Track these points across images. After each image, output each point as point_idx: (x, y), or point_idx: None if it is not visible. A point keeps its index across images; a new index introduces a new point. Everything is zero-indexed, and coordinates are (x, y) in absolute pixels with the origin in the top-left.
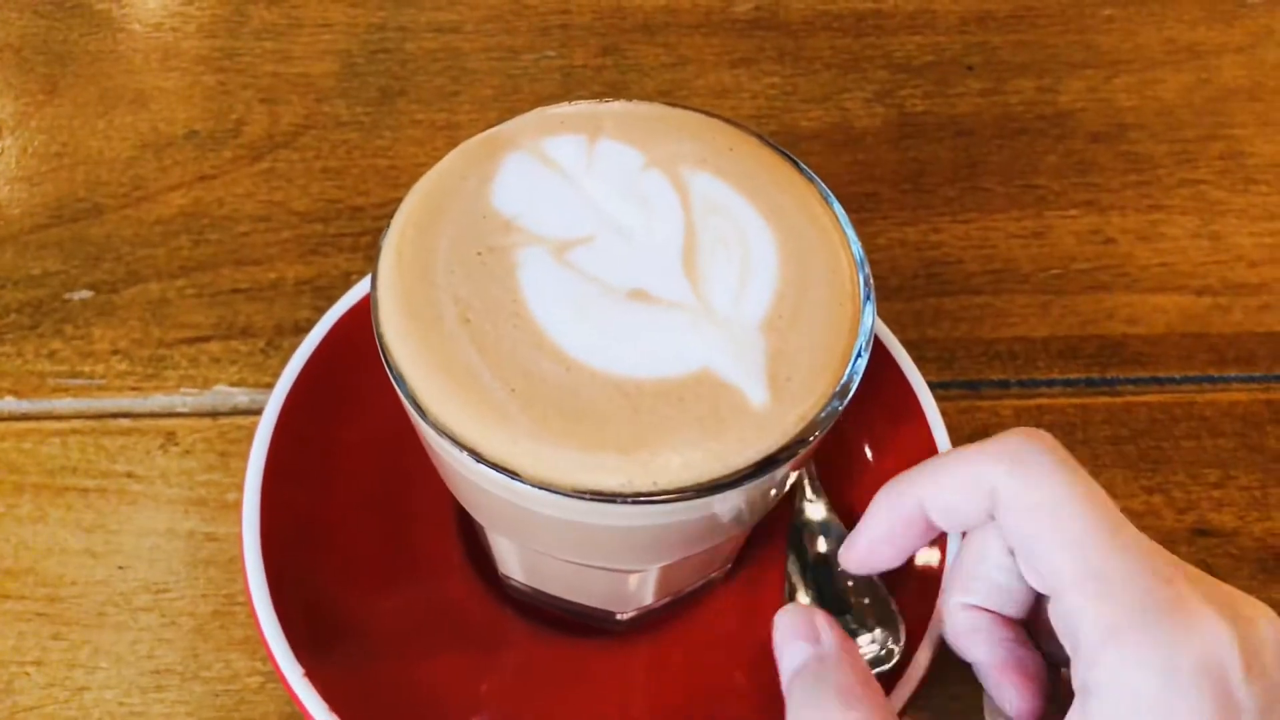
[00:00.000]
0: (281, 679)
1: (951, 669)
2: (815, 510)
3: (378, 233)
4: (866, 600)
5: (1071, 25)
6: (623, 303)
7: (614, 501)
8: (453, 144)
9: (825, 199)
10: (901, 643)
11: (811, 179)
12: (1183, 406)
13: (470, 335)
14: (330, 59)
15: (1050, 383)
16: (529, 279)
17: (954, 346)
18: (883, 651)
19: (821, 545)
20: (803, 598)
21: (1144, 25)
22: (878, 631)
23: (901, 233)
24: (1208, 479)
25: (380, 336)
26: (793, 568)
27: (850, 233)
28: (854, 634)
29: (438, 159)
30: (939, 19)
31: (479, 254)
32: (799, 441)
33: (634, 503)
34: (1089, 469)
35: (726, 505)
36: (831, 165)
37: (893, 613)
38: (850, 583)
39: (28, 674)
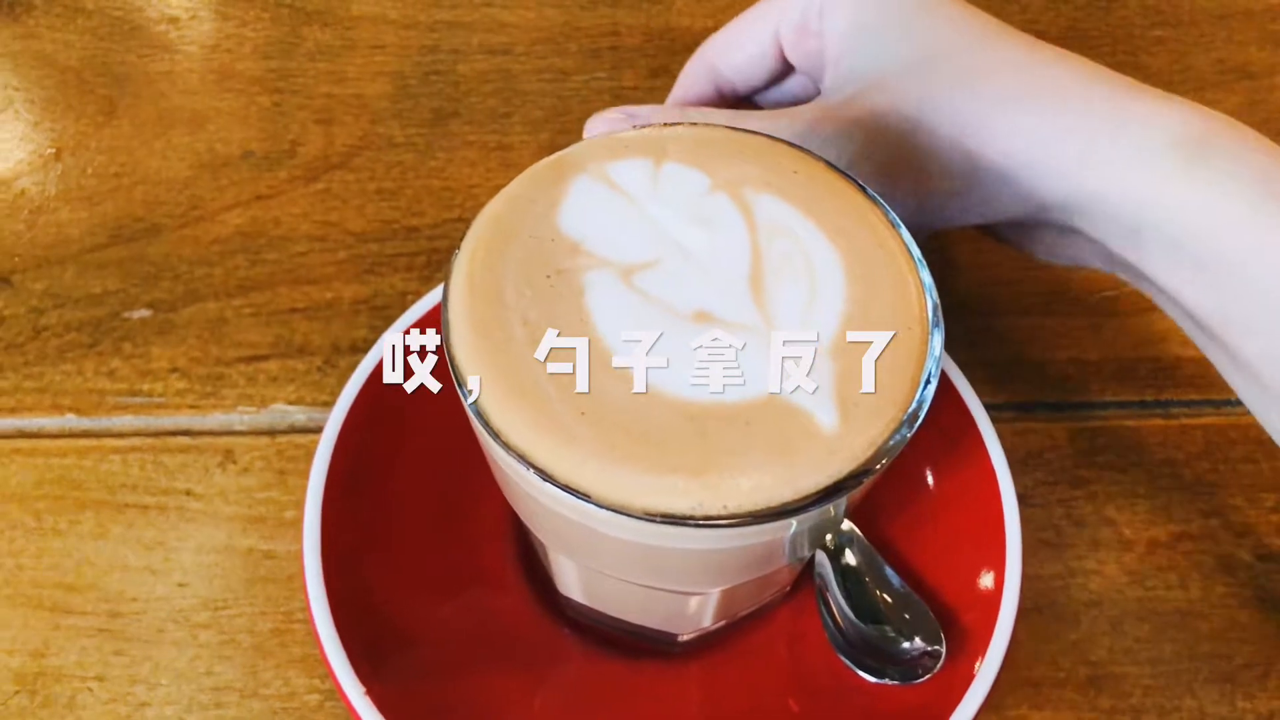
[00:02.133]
0: (343, 697)
1: (1008, 694)
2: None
3: (433, 253)
4: (906, 614)
5: (1120, 46)
6: (689, 325)
7: (684, 524)
8: (506, 165)
9: (892, 224)
10: (944, 652)
11: (876, 202)
12: (1239, 429)
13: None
14: (384, 80)
15: (1104, 405)
16: (597, 302)
17: (1006, 368)
18: (928, 659)
19: (849, 558)
20: (839, 609)
21: (1194, 47)
22: (918, 640)
23: (951, 253)
24: (1265, 503)
25: (452, 357)
26: (821, 581)
27: (917, 256)
28: (894, 642)
29: (491, 180)
30: None
31: (548, 277)
32: (868, 467)
33: (704, 526)
34: (1145, 491)
35: (795, 529)
36: None
37: (932, 621)
38: (887, 597)
39: (90, 689)
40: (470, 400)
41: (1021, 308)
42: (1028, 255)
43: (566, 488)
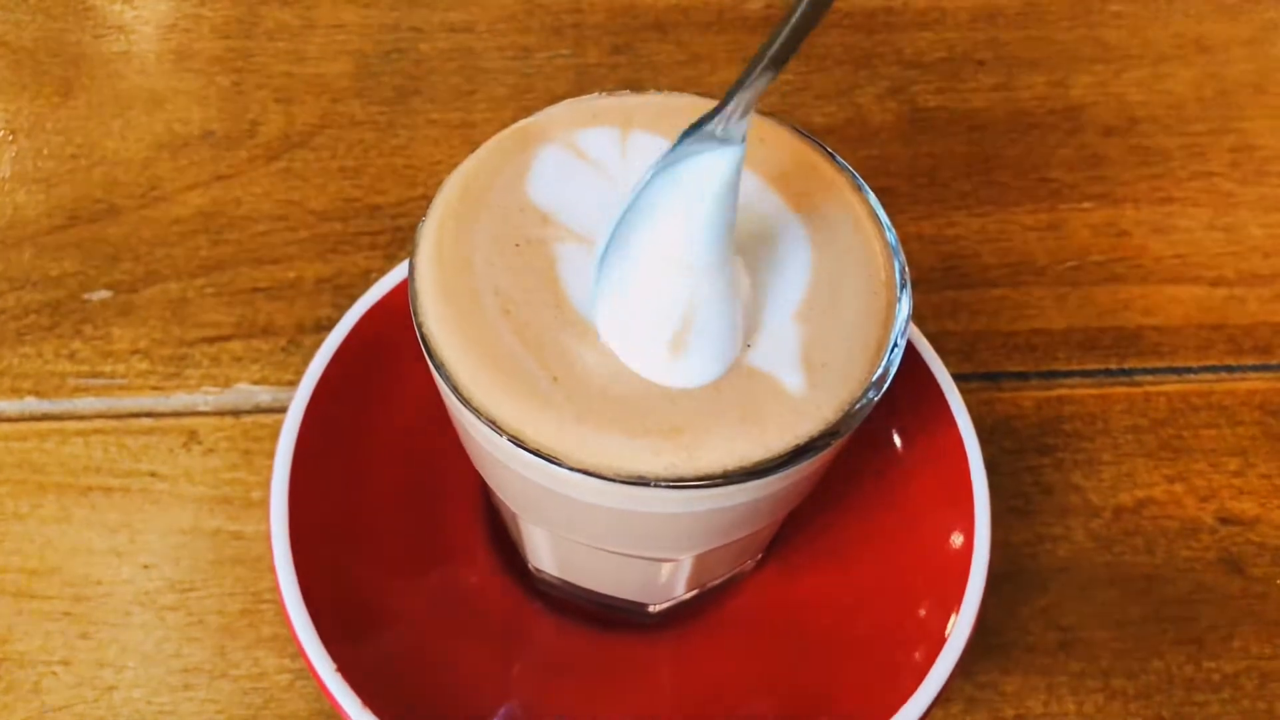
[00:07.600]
0: (314, 675)
1: (978, 660)
2: None
3: (396, 231)
4: None
5: (1080, 21)
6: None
7: (657, 486)
8: (469, 143)
9: (859, 188)
10: None
11: (844, 168)
12: (1201, 396)
13: (512, 326)
14: (344, 59)
15: (1069, 374)
16: (568, 271)
17: (973, 339)
18: None
19: None
20: None
21: (1151, 20)
22: None
23: (918, 227)
24: (1228, 467)
25: (420, 325)
26: None
27: (885, 220)
28: None
29: (454, 158)
30: (949, 15)
31: (517, 246)
32: (836, 429)
33: (677, 487)
34: (1111, 458)
35: (766, 491)
36: (846, 160)
37: None
38: None
39: (55, 673)
40: (440, 369)
41: (987, 280)
42: (993, 228)
43: (539, 453)
